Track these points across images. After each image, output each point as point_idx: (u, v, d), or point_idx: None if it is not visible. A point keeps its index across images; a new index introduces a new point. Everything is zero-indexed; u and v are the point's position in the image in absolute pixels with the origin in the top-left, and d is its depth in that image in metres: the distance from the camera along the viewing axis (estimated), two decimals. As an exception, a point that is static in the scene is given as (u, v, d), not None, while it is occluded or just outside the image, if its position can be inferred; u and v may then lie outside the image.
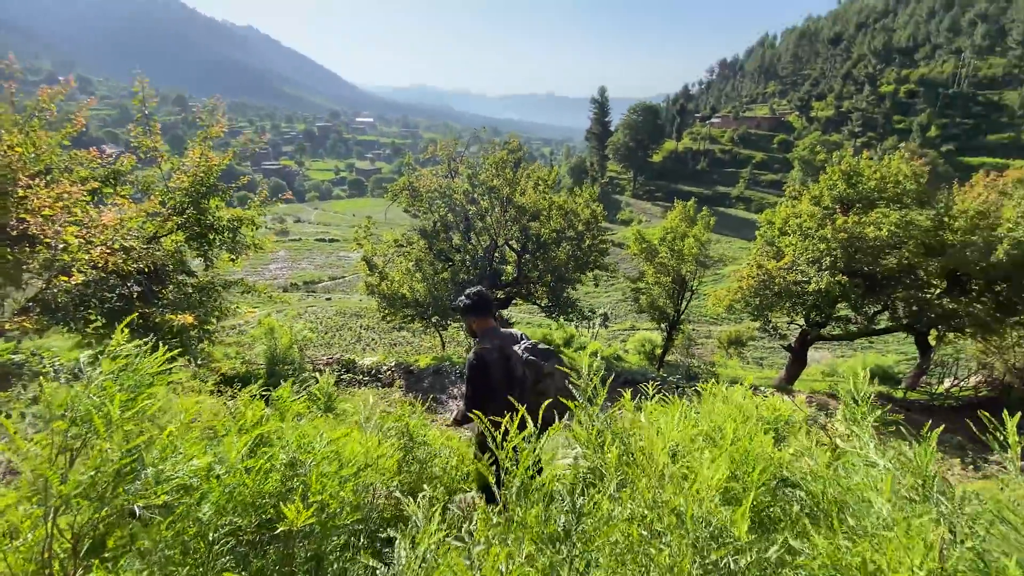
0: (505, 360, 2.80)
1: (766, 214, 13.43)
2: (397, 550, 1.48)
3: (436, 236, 14.18)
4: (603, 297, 40.61)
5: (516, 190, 13.29)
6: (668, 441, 1.63)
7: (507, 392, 2.72)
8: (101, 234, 3.62)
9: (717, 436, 1.97)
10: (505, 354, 2.81)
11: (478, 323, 2.97)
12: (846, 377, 3.70)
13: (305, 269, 47.17)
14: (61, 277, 3.36)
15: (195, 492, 1.93)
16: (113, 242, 3.66)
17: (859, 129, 78.45)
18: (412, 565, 1.39)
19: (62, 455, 1.82)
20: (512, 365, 2.79)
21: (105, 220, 3.74)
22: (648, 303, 14.52)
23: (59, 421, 1.77)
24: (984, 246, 9.96)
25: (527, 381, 2.78)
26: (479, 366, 2.78)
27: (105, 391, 1.92)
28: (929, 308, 11.19)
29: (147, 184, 5.19)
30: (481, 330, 2.96)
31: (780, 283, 11.33)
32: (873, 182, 11.22)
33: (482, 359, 2.78)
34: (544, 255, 14.28)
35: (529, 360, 2.79)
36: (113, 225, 3.74)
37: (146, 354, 2.09)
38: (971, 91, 77.41)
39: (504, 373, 2.79)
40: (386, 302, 13.48)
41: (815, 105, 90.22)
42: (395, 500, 2.40)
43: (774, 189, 72.37)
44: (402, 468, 2.46)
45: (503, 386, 2.75)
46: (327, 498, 1.95)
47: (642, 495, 1.34)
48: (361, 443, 2.19)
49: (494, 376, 2.78)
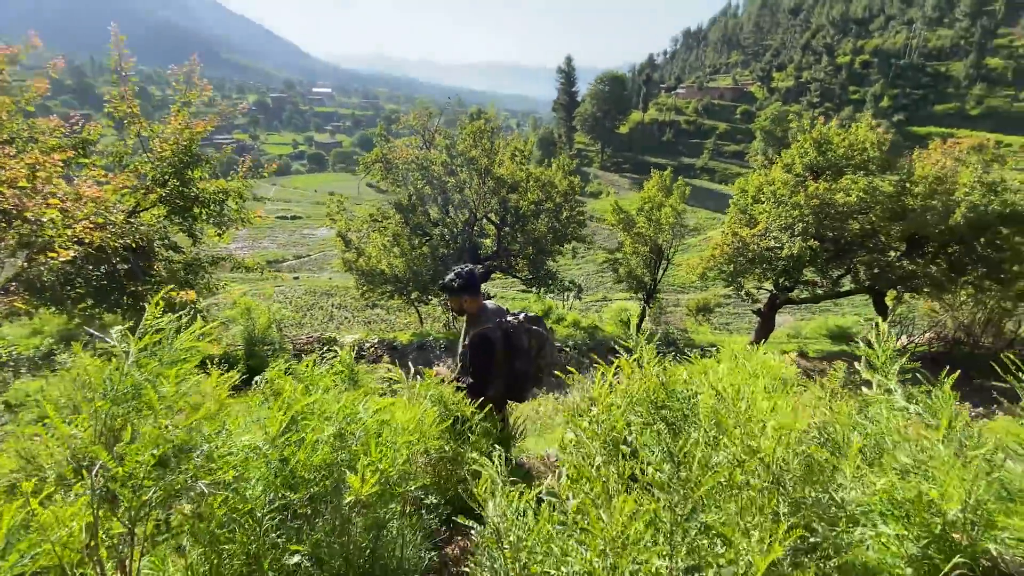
0: (505, 336, 2.85)
1: (739, 183, 13.73)
2: (490, 508, 1.47)
3: (412, 210, 13.87)
4: (575, 269, 41.04)
5: (494, 161, 13.08)
6: (743, 391, 1.67)
7: (512, 364, 2.84)
8: (84, 208, 3.34)
9: (768, 388, 2.05)
10: (504, 329, 2.86)
11: (470, 302, 2.95)
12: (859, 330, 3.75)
13: (267, 248, 45.51)
14: (50, 253, 3.09)
15: (243, 468, 1.87)
16: (97, 216, 3.40)
17: (817, 99, 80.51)
18: (510, 522, 1.39)
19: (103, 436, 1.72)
20: (515, 337, 2.86)
21: (87, 192, 3.45)
22: (626, 273, 14.75)
23: (100, 401, 1.67)
24: (943, 210, 10.51)
25: (532, 350, 2.90)
26: (486, 347, 2.81)
27: (144, 368, 1.81)
28: (890, 270, 11.81)
29: (119, 155, 4.79)
30: (474, 308, 2.95)
31: (754, 250, 11.69)
32: (842, 150, 11.59)
33: (488, 340, 2.81)
34: (523, 227, 14.21)
35: (532, 330, 2.92)
36: (95, 198, 3.45)
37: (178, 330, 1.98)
38: (921, 62, 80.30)
39: (505, 346, 2.84)
40: (364, 279, 13.20)
41: (776, 75, 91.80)
42: (437, 465, 2.41)
43: (737, 160, 73.95)
44: (442, 435, 2.45)
45: (505, 360, 2.84)
46: (387, 466, 1.92)
47: (735, 441, 1.37)
48: (406, 412, 2.16)
49: (499, 352, 2.84)
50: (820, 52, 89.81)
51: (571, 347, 12.44)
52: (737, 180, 14.35)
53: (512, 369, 2.88)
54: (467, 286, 2.92)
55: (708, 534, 1.25)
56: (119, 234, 3.54)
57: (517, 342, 2.86)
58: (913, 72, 78.48)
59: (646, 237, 13.98)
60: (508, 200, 13.42)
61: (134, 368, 1.69)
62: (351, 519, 1.94)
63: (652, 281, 14.73)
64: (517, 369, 2.88)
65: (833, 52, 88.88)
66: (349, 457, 2.04)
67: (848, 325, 19.57)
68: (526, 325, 2.91)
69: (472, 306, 2.95)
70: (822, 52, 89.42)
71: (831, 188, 10.70)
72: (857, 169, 11.61)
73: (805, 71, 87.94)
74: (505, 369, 2.85)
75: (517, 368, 2.88)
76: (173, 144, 4.64)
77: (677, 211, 13.57)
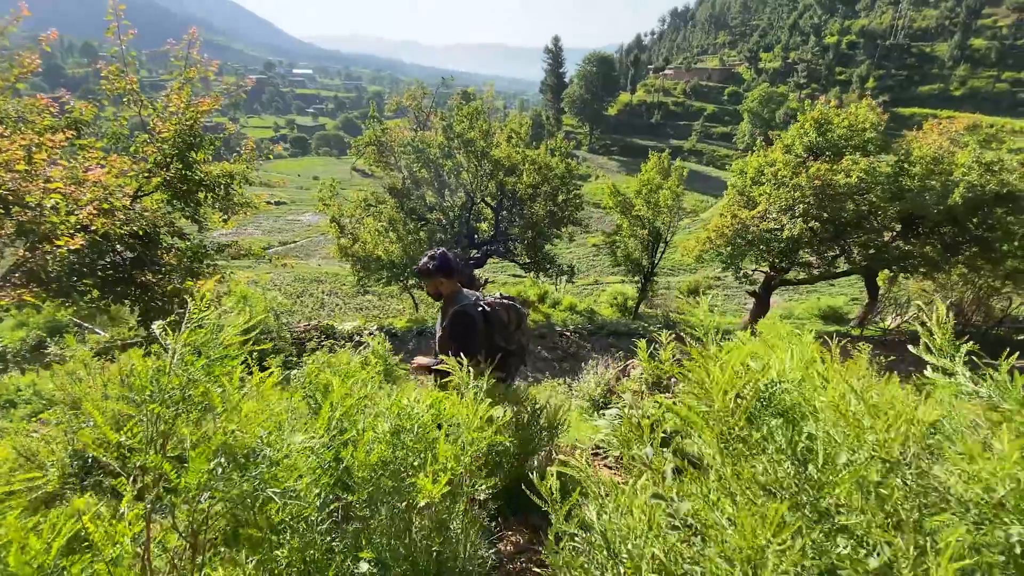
0: (484, 313, 2.85)
1: (738, 164, 13.67)
2: (593, 510, 1.37)
3: (407, 194, 13.58)
4: (566, 253, 41.01)
5: (491, 143, 12.81)
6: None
7: (492, 340, 2.86)
8: (88, 192, 3.10)
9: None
10: (481, 306, 2.87)
11: (446, 284, 2.91)
12: (925, 311, 3.77)
13: (252, 235, 44.66)
14: (57, 241, 2.86)
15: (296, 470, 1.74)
16: (102, 201, 3.16)
17: (804, 80, 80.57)
18: (625, 528, 1.29)
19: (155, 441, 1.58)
20: (493, 313, 2.87)
21: (91, 175, 3.19)
22: (624, 256, 14.69)
23: (153, 404, 1.52)
24: (941, 190, 10.56)
25: (511, 324, 2.95)
26: (467, 321, 2.79)
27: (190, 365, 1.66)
28: (886, 251, 11.91)
29: (116, 136, 4.49)
30: (450, 291, 2.93)
31: (755, 232, 11.68)
32: (842, 130, 11.55)
33: (467, 314, 2.79)
34: (520, 211, 14.03)
35: (510, 305, 2.96)
36: (100, 182, 3.21)
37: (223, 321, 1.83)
38: (906, 42, 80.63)
39: (485, 323, 2.85)
40: (361, 265, 12.95)
41: (763, 56, 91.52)
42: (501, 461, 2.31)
43: (725, 142, 73.96)
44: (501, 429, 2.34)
45: (486, 337, 2.85)
46: (454, 465, 1.81)
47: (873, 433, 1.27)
48: (466, 405, 2.04)
49: (479, 328, 2.83)
50: (807, 32, 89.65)
51: (571, 331, 12.39)
52: (735, 162, 14.28)
53: (493, 345, 2.87)
54: (442, 268, 2.87)
55: (846, 538, 1.16)
56: (125, 220, 3.32)
57: (495, 317, 2.87)
58: (899, 53, 78.80)
59: (644, 220, 13.89)
60: (505, 183, 13.19)
61: (181, 365, 1.54)
62: (413, 520, 1.83)
63: (650, 264, 14.70)
64: (498, 344, 2.88)
65: (820, 32, 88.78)
66: (407, 454, 1.93)
67: (839, 305, 19.85)
68: (504, 302, 2.94)
69: (448, 289, 2.92)
70: (809, 32, 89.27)
71: (832, 169, 10.67)
72: (856, 150, 11.61)
73: (792, 51, 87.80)
74: (487, 346, 2.83)
75: (497, 343, 2.88)
76: (176, 124, 4.35)
77: (676, 193, 13.48)
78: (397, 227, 13.16)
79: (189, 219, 4.88)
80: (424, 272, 2.91)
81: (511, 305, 2.96)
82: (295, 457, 1.61)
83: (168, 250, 4.35)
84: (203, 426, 1.66)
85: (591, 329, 12.45)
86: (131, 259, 3.87)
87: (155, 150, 4.31)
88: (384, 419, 2.00)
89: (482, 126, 12.69)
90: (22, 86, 3.75)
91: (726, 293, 32.57)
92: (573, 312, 16.59)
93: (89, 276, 3.55)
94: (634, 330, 12.22)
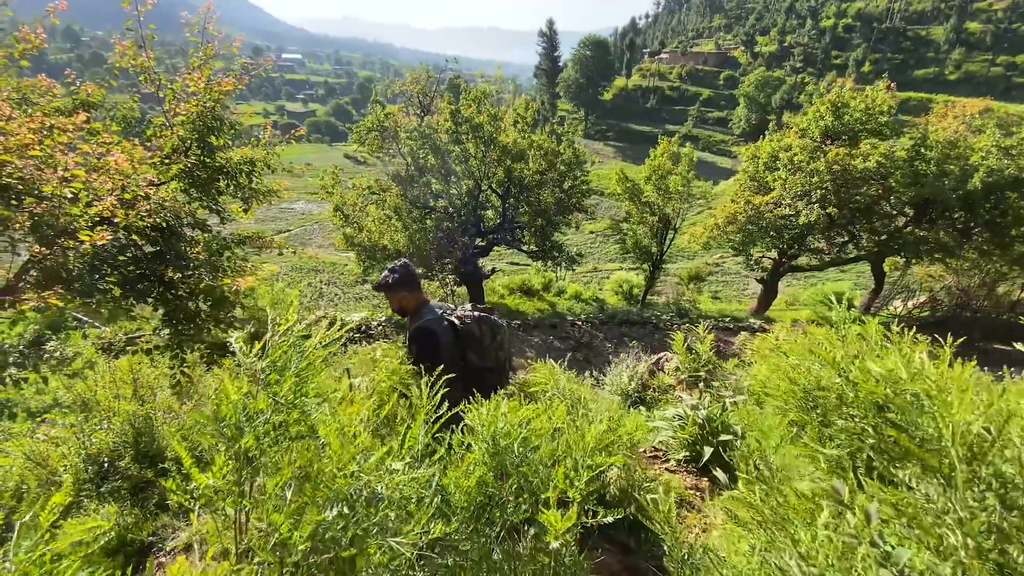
0: (452, 327, 2.60)
1: (749, 149, 13.42)
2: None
3: (412, 181, 13.21)
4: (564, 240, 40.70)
5: (499, 128, 12.45)
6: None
7: (464, 356, 2.59)
8: (109, 181, 2.80)
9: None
10: (449, 320, 2.62)
11: (411, 298, 2.66)
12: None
13: (247, 224, 43.91)
14: (80, 235, 2.55)
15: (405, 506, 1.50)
16: (123, 191, 2.85)
17: (800, 64, 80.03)
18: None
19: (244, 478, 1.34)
20: (464, 328, 2.62)
21: (111, 163, 2.87)
22: (633, 244, 14.48)
23: (246, 437, 1.28)
24: (960, 175, 10.40)
25: (485, 339, 2.68)
26: (428, 337, 2.52)
27: (274, 385, 1.42)
28: (900, 236, 11.78)
29: (125, 119, 4.14)
30: (414, 306, 2.68)
31: (769, 218, 11.49)
32: (858, 113, 11.32)
33: (428, 330, 2.52)
34: (527, 198, 13.72)
35: (483, 317, 2.70)
36: (124, 170, 2.89)
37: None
38: (902, 26, 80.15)
39: (453, 337, 2.60)
40: (366, 254, 12.63)
41: (760, 40, 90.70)
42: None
43: (721, 127, 73.54)
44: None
45: (456, 353, 2.58)
46: (574, 493, 1.59)
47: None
48: (572, 429, 1.82)
49: (444, 343, 2.57)
50: (804, 15, 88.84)
51: (583, 320, 12.19)
52: (744, 148, 14.03)
53: (468, 363, 2.58)
54: (404, 280, 2.63)
55: None
56: (149, 212, 3.01)
57: (467, 332, 2.59)
58: (894, 36, 78.36)
59: (655, 206, 13.65)
60: (513, 170, 12.86)
61: (278, 389, 1.29)
62: (520, 554, 1.62)
63: (659, 251, 14.50)
64: (471, 362, 2.59)
65: (817, 15, 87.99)
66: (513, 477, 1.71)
67: (843, 291, 19.82)
68: (475, 315, 2.67)
69: (412, 303, 2.66)
70: (806, 15, 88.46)
71: (851, 153, 10.46)
72: (872, 134, 11.40)
73: (788, 35, 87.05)
74: (460, 365, 2.53)
75: (471, 360, 2.58)
76: (196, 105, 3.99)
77: (687, 179, 13.23)
78: (402, 215, 12.82)
79: (208, 209, 4.55)
80: (384, 287, 2.65)
81: (484, 318, 2.69)
82: (405, 490, 1.38)
83: (191, 243, 4.04)
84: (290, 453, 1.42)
85: (603, 318, 12.27)
86: (152, 254, 3.56)
87: (172, 135, 3.97)
88: (480, 438, 1.77)
89: (490, 110, 12.32)
90: (26, 63, 3.39)
91: (724, 279, 32.59)
92: (578, 300, 16.39)
93: (111, 274, 3.24)
94: (647, 319, 12.06)
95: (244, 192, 4.69)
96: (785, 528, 1.71)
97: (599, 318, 12.29)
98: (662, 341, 10.79)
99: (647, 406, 4.98)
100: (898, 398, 1.65)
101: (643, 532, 2.26)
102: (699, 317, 12.21)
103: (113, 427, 3.42)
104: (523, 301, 15.60)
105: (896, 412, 1.71)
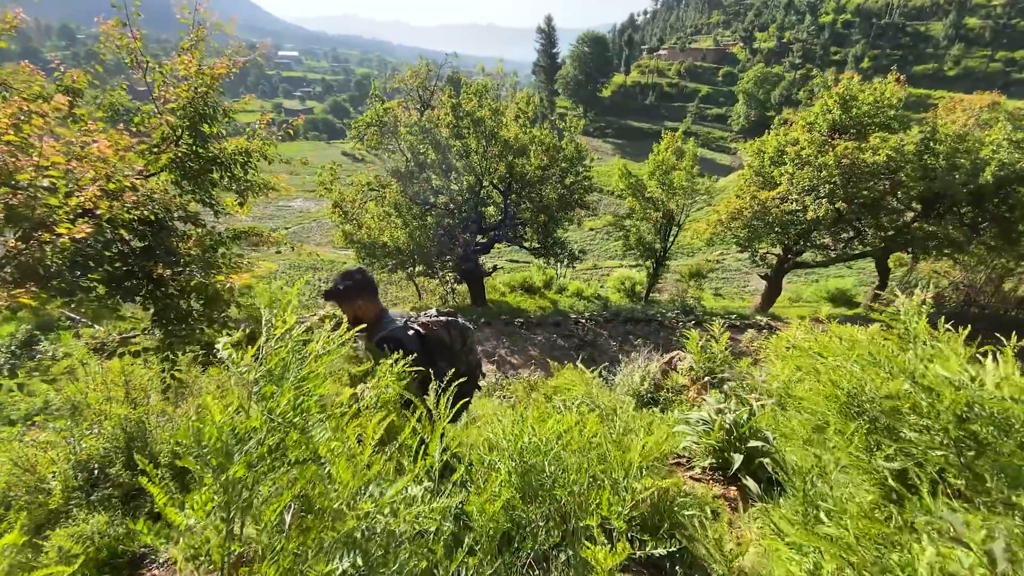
0: (418, 335, 2.44)
1: (754, 144, 13.21)
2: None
3: (412, 177, 12.97)
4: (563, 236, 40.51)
5: (500, 123, 12.22)
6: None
7: (435, 364, 2.40)
8: (91, 170, 2.58)
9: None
10: (415, 328, 2.46)
11: (369, 307, 2.46)
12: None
13: (243, 222, 43.53)
14: (57, 228, 2.34)
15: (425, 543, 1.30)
16: (107, 180, 2.64)
17: (799, 60, 79.82)
18: None
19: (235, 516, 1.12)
20: (432, 333, 2.50)
21: (95, 151, 2.65)
22: (636, 240, 14.28)
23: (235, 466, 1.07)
24: (971, 168, 10.22)
25: (456, 343, 2.58)
26: (395, 349, 2.23)
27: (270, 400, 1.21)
28: (908, 232, 11.60)
29: (112, 106, 3.90)
30: (372, 315, 2.48)
31: (776, 214, 11.30)
32: (867, 107, 11.12)
33: (394, 339, 2.33)
34: (528, 194, 13.50)
35: (451, 322, 2.58)
36: (108, 158, 2.67)
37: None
38: (901, 21, 79.98)
39: (419, 346, 2.44)
40: (366, 251, 12.40)
41: (758, 36, 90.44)
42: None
43: (720, 123, 73.31)
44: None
45: (423, 358, 2.37)
46: (619, 522, 1.39)
47: None
48: (646, 438, 1.62)
49: (412, 352, 2.32)
50: (803, 11, 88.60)
51: (587, 318, 12.00)
52: (751, 141, 13.82)
53: (437, 370, 2.33)
54: (361, 287, 2.43)
55: None
56: (136, 203, 2.80)
57: (434, 338, 2.44)
58: (893, 32, 78.18)
59: (658, 202, 13.44)
60: (514, 165, 12.64)
61: (274, 404, 1.08)
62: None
63: (663, 248, 14.30)
64: (442, 369, 2.38)
65: (816, 11, 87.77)
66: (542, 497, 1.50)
67: (847, 287, 19.64)
68: (442, 320, 2.52)
69: (370, 312, 2.46)
70: (805, 11, 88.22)
71: (860, 147, 10.26)
72: (880, 128, 11.20)
73: (787, 31, 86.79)
74: (427, 373, 2.32)
75: (441, 368, 2.34)
76: (187, 91, 3.74)
77: (691, 174, 13.02)
78: (402, 212, 12.59)
79: (201, 203, 4.31)
80: (337, 295, 2.41)
81: (452, 323, 2.56)
82: (424, 522, 1.17)
83: (183, 238, 3.80)
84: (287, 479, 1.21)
85: (607, 316, 12.06)
86: (140, 249, 3.34)
87: (162, 122, 3.73)
88: (505, 455, 1.57)
89: (491, 104, 12.08)
90: (4, 44, 3.16)
91: (724, 276, 32.49)
92: (580, 298, 16.19)
93: (95, 270, 3.02)
94: (651, 316, 11.86)
95: (239, 185, 4.46)
96: (854, 552, 1.52)
97: (603, 316, 12.09)
98: (668, 339, 10.60)
99: (661, 407, 4.78)
100: (988, 405, 1.44)
101: (680, 553, 2.06)
102: (704, 314, 12.02)
103: (104, 432, 3.25)
104: (524, 299, 15.40)
105: (979, 423, 1.51)
